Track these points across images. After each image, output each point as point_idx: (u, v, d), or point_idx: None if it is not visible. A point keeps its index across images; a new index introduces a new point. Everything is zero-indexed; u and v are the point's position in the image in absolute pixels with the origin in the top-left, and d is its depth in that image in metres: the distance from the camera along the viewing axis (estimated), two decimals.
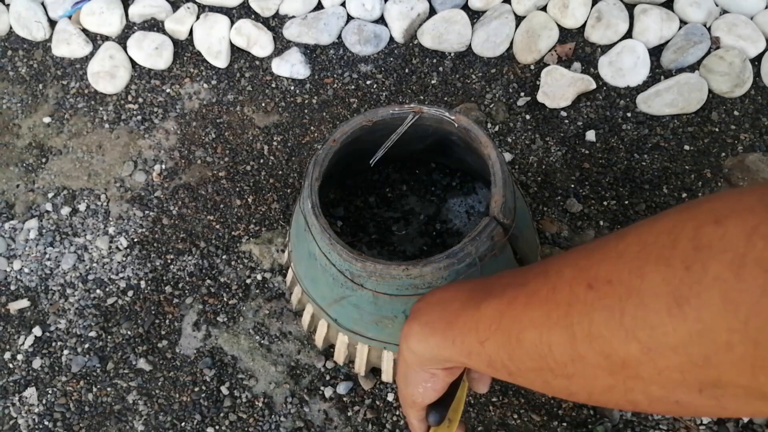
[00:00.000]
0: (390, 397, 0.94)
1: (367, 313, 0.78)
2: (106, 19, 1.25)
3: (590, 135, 1.13)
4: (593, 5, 1.21)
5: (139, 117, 1.19)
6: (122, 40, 1.25)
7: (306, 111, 1.19)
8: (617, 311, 0.32)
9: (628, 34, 1.20)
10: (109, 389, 0.97)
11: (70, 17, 1.28)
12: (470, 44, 1.22)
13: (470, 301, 0.44)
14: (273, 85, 1.21)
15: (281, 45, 1.24)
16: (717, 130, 1.12)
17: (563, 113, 1.15)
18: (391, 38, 1.24)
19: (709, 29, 1.19)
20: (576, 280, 0.35)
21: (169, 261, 1.06)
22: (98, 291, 1.04)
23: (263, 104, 1.20)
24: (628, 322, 0.31)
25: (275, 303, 1.02)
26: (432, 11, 1.24)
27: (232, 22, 1.25)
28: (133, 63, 1.23)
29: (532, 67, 1.20)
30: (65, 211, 1.11)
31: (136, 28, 1.26)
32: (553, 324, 0.35)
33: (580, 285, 0.34)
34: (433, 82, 1.20)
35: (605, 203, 1.07)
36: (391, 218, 1.00)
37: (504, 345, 0.39)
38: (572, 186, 1.08)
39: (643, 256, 0.32)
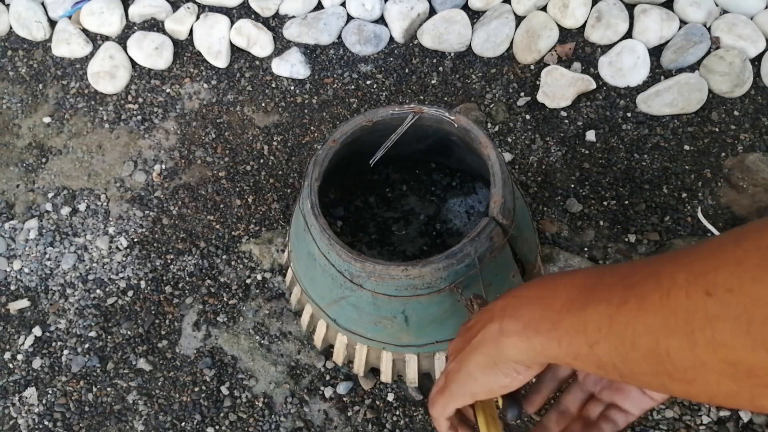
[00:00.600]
0: (390, 397, 0.94)
1: (366, 314, 0.78)
2: (106, 19, 1.25)
3: (590, 135, 1.13)
4: (593, 5, 1.21)
5: (139, 117, 1.19)
6: (122, 40, 1.25)
7: (306, 111, 1.19)
8: (744, 321, 0.31)
9: (628, 34, 1.20)
10: (109, 389, 0.97)
11: (70, 17, 1.28)
12: (470, 44, 1.22)
13: (574, 300, 0.42)
14: (273, 85, 1.21)
15: (281, 45, 1.24)
16: (717, 130, 1.12)
17: (563, 113, 1.15)
18: (391, 38, 1.24)
19: (709, 29, 1.19)
20: (692, 286, 0.34)
21: (169, 261, 1.06)
22: (98, 291, 1.05)
23: (263, 104, 1.20)
24: (756, 332, 0.31)
25: (275, 303, 1.02)
26: (432, 11, 1.24)
27: (232, 22, 1.25)
28: (133, 63, 1.23)
29: (532, 67, 1.20)
30: (65, 211, 1.11)
31: (136, 28, 1.26)
32: (671, 331, 0.35)
33: (697, 291, 0.33)
34: (433, 82, 1.20)
35: (605, 203, 1.07)
36: (391, 218, 1.00)
37: (616, 349, 0.38)
38: (572, 186, 1.08)
39: (766, 264, 0.31)
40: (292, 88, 1.21)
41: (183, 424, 0.94)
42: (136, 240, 1.08)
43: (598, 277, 0.42)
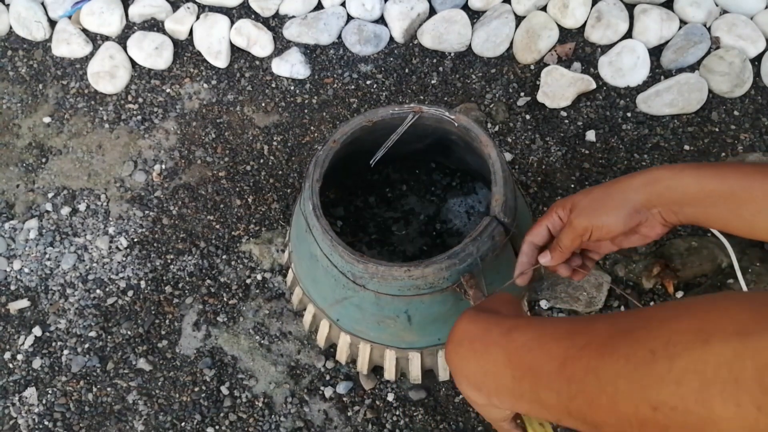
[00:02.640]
0: (390, 397, 0.94)
1: (369, 314, 0.78)
2: (106, 19, 1.25)
3: (590, 135, 1.13)
4: (593, 5, 1.21)
5: (139, 117, 1.19)
6: (122, 40, 1.25)
7: (306, 111, 1.19)
8: None
9: (628, 34, 1.20)
10: (109, 389, 0.97)
11: (70, 17, 1.28)
12: (470, 44, 1.22)
13: (520, 381, 0.44)
14: (273, 85, 1.21)
15: (281, 45, 1.24)
16: (717, 130, 1.12)
17: (563, 113, 1.15)
18: (391, 38, 1.24)
19: (709, 29, 1.19)
20: (636, 400, 0.35)
21: (169, 261, 1.06)
22: (98, 291, 1.04)
23: (263, 104, 1.20)
24: None
25: (275, 303, 1.02)
26: (432, 11, 1.24)
27: (232, 22, 1.24)
28: (133, 63, 1.23)
29: (532, 67, 1.20)
30: (65, 211, 1.11)
31: (136, 28, 1.26)
32: (634, 429, 0.36)
33: (643, 406, 0.35)
34: (433, 82, 1.20)
35: None
36: (391, 218, 1.00)
37: (582, 426, 0.40)
38: (572, 186, 1.08)
39: (705, 389, 0.32)
40: (292, 88, 1.21)
41: (183, 424, 0.94)
42: (136, 240, 1.08)
43: (536, 355, 0.43)
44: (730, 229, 0.58)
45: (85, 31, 1.27)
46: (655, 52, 1.18)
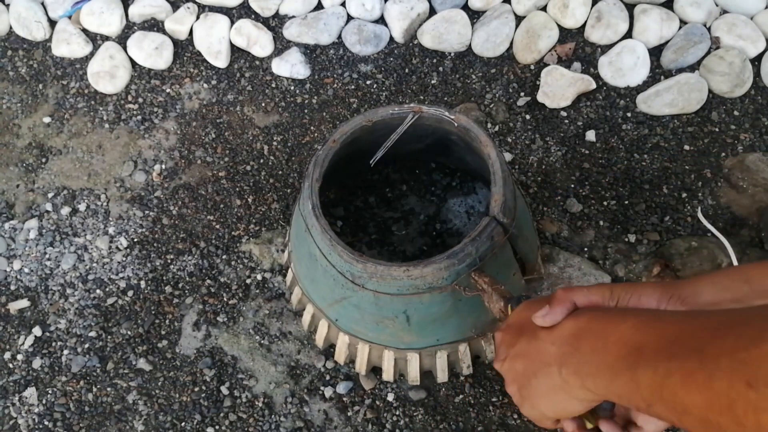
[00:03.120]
0: (390, 397, 0.94)
1: (368, 314, 0.78)
2: (106, 19, 1.25)
3: (590, 135, 1.13)
4: (593, 5, 1.21)
5: (139, 117, 1.19)
6: (122, 40, 1.25)
7: (306, 111, 1.19)
8: None
9: (628, 34, 1.20)
10: (109, 389, 0.97)
11: (70, 17, 1.28)
12: (470, 44, 1.22)
13: (623, 359, 0.45)
14: (273, 85, 1.21)
15: (281, 45, 1.24)
16: (717, 130, 1.12)
17: (563, 113, 1.15)
18: (391, 38, 1.24)
19: (709, 29, 1.19)
20: (735, 375, 0.36)
21: (169, 261, 1.06)
22: (98, 291, 1.05)
23: (263, 104, 1.20)
24: None
25: (275, 303, 1.02)
26: (432, 11, 1.24)
27: (232, 22, 1.24)
28: (133, 63, 1.23)
29: (532, 67, 1.20)
30: (65, 211, 1.11)
31: (136, 28, 1.26)
32: (718, 413, 0.37)
33: (739, 381, 0.35)
34: (433, 82, 1.20)
35: (605, 203, 1.07)
36: (391, 218, 1.00)
37: (670, 411, 0.41)
38: (572, 186, 1.08)
39: None
40: (292, 88, 1.21)
41: (183, 424, 0.94)
42: (136, 240, 1.08)
43: (645, 334, 0.44)
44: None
45: (85, 31, 1.27)
46: (655, 52, 1.18)
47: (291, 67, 1.21)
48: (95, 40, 1.27)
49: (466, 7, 1.24)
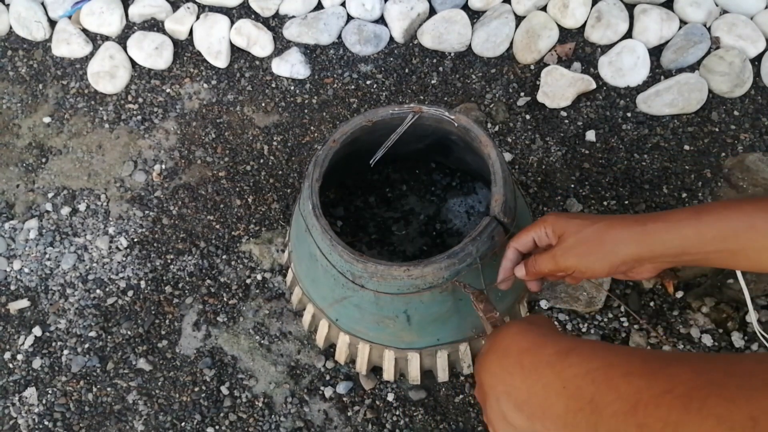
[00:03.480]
0: (390, 397, 0.94)
1: (368, 314, 0.78)
2: (106, 19, 1.25)
3: (590, 135, 1.13)
4: (593, 5, 1.21)
5: (139, 117, 1.19)
6: (122, 40, 1.25)
7: (306, 111, 1.19)
8: None
9: (628, 34, 1.20)
10: (109, 389, 0.97)
11: (70, 17, 1.28)
12: (470, 44, 1.22)
13: (622, 401, 0.40)
14: (273, 85, 1.21)
15: (281, 45, 1.24)
16: (717, 130, 1.12)
17: (563, 113, 1.15)
18: (391, 38, 1.24)
19: (709, 29, 1.19)
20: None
21: (169, 261, 1.06)
22: (98, 291, 1.04)
23: (263, 104, 1.20)
24: None
25: (275, 303, 1.02)
26: (432, 11, 1.24)
27: (232, 22, 1.24)
28: (133, 63, 1.23)
29: (532, 67, 1.20)
30: (65, 211, 1.11)
31: (136, 28, 1.26)
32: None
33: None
34: (433, 82, 1.20)
35: (605, 203, 1.07)
36: (391, 218, 1.00)
37: None
38: (572, 186, 1.08)
39: None
40: (292, 88, 1.21)
41: (183, 424, 0.94)
42: (136, 240, 1.08)
43: (604, 389, 0.40)
44: (735, 268, 0.56)
45: (85, 31, 1.27)
46: (655, 52, 1.18)
47: (291, 67, 1.21)
48: (95, 40, 1.27)
49: (466, 7, 1.24)
